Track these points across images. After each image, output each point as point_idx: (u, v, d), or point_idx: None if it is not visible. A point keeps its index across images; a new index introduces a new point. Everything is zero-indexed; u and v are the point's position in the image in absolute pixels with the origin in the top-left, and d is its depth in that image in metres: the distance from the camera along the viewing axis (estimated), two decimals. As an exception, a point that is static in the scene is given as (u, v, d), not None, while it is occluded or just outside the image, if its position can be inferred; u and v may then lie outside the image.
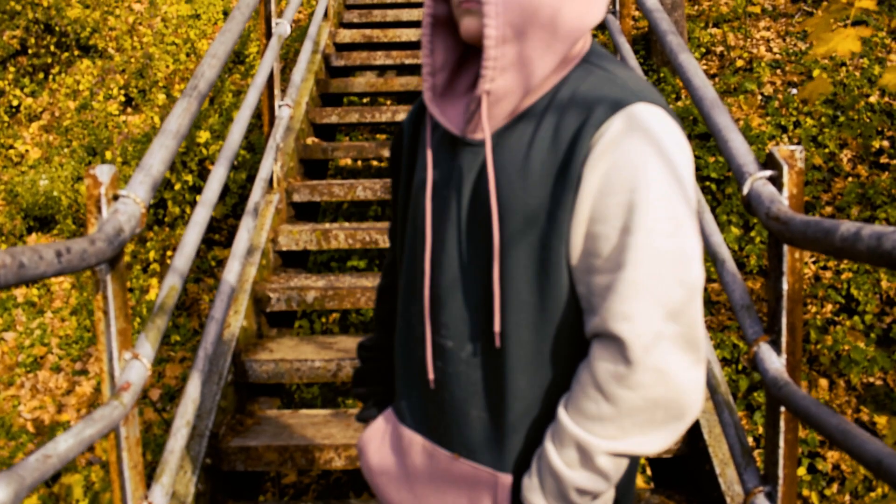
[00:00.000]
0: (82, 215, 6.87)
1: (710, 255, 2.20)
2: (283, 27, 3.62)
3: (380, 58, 4.82)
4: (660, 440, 0.99)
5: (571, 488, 0.99)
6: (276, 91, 3.68)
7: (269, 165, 3.24)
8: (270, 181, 3.56)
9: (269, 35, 3.66)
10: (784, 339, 1.83)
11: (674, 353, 0.96)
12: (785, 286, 1.82)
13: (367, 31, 5.15)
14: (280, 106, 3.61)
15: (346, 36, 5.14)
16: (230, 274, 2.63)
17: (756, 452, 4.17)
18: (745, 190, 1.88)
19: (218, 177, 2.57)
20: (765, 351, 1.84)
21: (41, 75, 8.86)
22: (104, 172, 1.87)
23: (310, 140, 4.20)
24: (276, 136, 3.43)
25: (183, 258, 2.24)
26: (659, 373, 0.95)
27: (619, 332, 0.95)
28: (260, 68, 3.31)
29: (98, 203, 1.86)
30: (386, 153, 4.04)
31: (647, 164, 0.97)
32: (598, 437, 0.98)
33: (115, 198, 1.89)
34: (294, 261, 3.67)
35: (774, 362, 1.82)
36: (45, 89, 8.87)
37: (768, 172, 1.86)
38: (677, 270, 0.96)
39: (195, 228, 2.32)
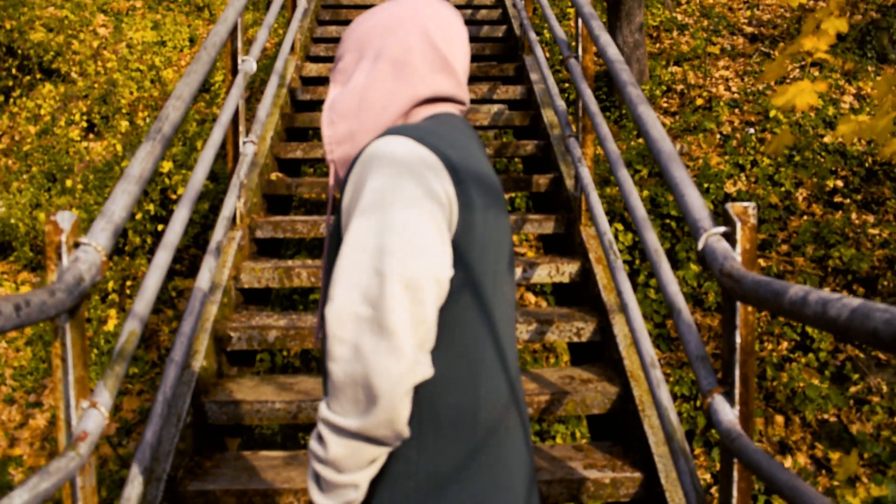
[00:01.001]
0: (40, 242, 6.76)
1: (668, 305, 2.25)
2: (249, 64, 3.63)
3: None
4: (363, 422, 1.06)
5: (311, 453, 1.12)
6: (241, 128, 3.68)
7: (233, 203, 3.24)
8: (233, 218, 3.55)
9: (234, 71, 3.66)
10: (737, 390, 1.87)
11: (366, 334, 1.03)
12: (738, 339, 1.87)
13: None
14: (245, 143, 3.61)
15: (312, 69, 5.16)
16: (190, 315, 2.61)
17: (714, 489, 4.22)
18: (700, 245, 1.93)
19: (180, 218, 2.56)
20: (719, 402, 1.88)
21: (1, 98, 8.73)
22: (65, 219, 1.86)
23: (274, 175, 4.20)
24: (240, 174, 3.43)
25: (143, 303, 2.23)
26: (351, 347, 1.03)
27: (326, 311, 1.06)
28: (225, 106, 3.32)
29: (58, 250, 1.85)
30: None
31: (363, 173, 1.12)
32: (327, 409, 1.09)
33: (76, 245, 1.88)
34: (256, 297, 3.66)
35: (728, 414, 1.86)
36: (6, 113, 8.74)
37: (722, 229, 1.92)
38: (374, 262, 1.04)
39: (156, 272, 2.31)
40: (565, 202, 3.91)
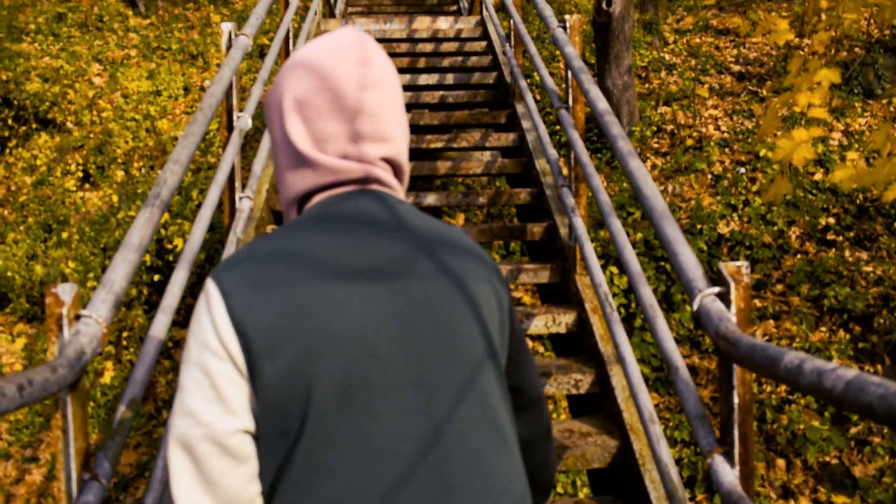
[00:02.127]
0: (37, 294, 6.75)
1: (664, 361, 2.26)
2: (244, 121, 3.67)
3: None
4: None
5: None
6: (237, 183, 3.72)
7: (230, 260, 3.25)
8: (231, 274, 3.56)
9: (230, 128, 3.71)
10: (737, 450, 1.88)
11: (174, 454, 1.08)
12: (736, 399, 1.88)
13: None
14: (241, 198, 3.64)
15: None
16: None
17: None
18: (695, 306, 1.95)
19: (179, 281, 2.57)
20: (718, 463, 1.89)
21: (-3, 149, 8.78)
22: (66, 291, 1.87)
23: (269, 228, 4.22)
24: (237, 230, 3.46)
25: (143, 369, 2.23)
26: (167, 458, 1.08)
27: None
28: (221, 164, 3.35)
29: (59, 322, 1.86)
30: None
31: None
32: None
33: (77, 317, 1.89)
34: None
35: (728, 475, 1.86)
36: (1, 163, 8.78)
37: (716, 289, 1.94)
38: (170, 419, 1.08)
39: (155, 340, 2.32)
40: (560, 251, 3.94)
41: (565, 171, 4.04)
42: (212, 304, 1.06)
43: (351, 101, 1.13)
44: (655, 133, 7.59)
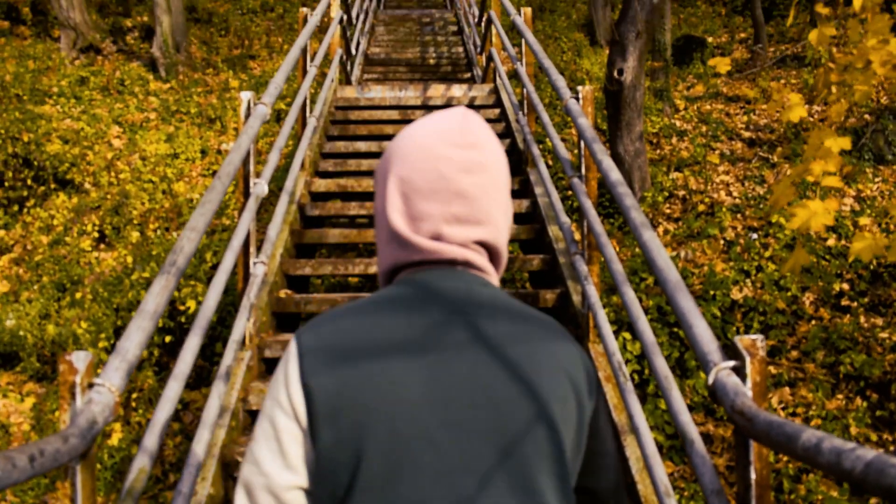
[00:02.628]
0: (48, 353, 6.77)
1: (679, 434, 2.23)
2: (261, 187, 3.73)
3: (354, 208, 4.95)
4: None
5: None
6: (252, 248, 3.75)
7: (242, 325, 3.26)
8: (242, 340, 3.56)
9: (246, 194, 3.76)
10: (755, 529, 1.84)
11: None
12: (752, 475, 1.85)
13: (342, 181, 5.31)
14: (255, 263, 3.67)
15: (321, 185, 5.29)
16: (199, 445, 2.60)
17: None
18: (711, 380, 1.93)
19: (192, 348, 2.58)
20: (737, 542, 1.85)
21: (16, 207, 8.89)
22: (80, 359, 1.88)
23: (283, 293, 4.24)
24: (251, 295, 3.47)
25: (153, 437, 2.23)
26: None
27: None
28: (237, 229, 3.39)
29: (72, 390, 1.87)
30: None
31: None
32: None
33: (90, 385, 1.90)
34: (264, 418, 3.64)
35: (747, 554, 1.82)
36: (19, 222, 8.88)
37: (731, 363, 1.92)
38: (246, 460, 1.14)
39: (167, 406, 2.31)
40: (573, 318, 3.93)
41: (578, 238, 4.05)
42: (289, 362, 1.12)
43: (450, 184, 1.14)
44: (667, 198, 7.63)
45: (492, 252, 1.21)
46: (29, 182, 9.01)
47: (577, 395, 1.15)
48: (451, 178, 1.14)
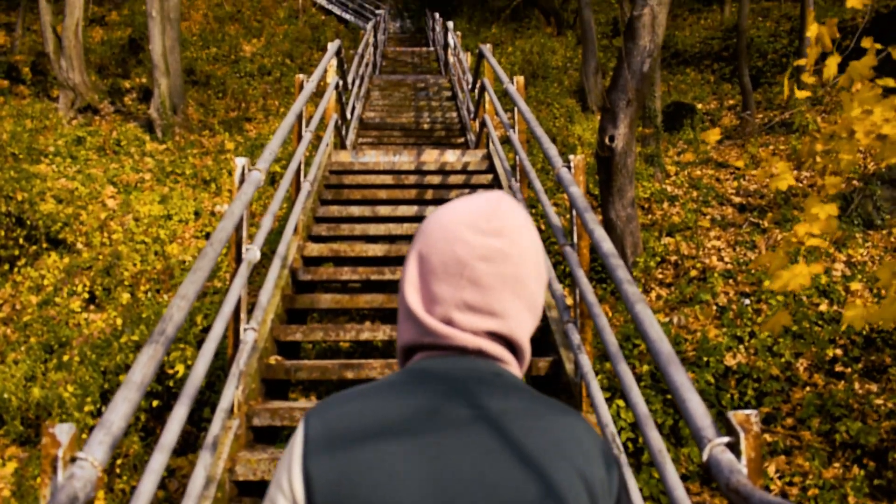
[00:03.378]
0: (32, 416, 6.65)
1: (675, 513, 2.19)
2: (252, 253, 3.72)
3: (346, 273, 4.94)
4: None
5: None
6: (243, 314, 3.72)
7: (231, 394, 3.21)
8: (231, 408, 3.51)
9: (238, 260, 3.75)
10: None
11: None
12: (751, 559, 1.80)
13: (335, 245, 5.31)
14: (245, 329, 3.64)
15: (314, 249, 5.29)
16: (183, 520, 2.53)
17: None
18: (705, 456, 1.90)
19: (178, 418, 2.53)
20: None
21: (6, 266, 8.85)
22: (63, 432, 1.84)
23: (273, 359, 4.20)
24: (240, 362, 3.43)
25: (136, 514, 2.17)
26: None
27: None
28: (228, 296, 3.36)
29: (55, 464, 1.82)
30: (349, 373, 4.05)
31: None
32: None
33: (73, 459, 1.85)
34: (251, 489, 3.56)
35: None
36: (9, 281, 8.84)
37: (726, 439, 1.89)
38: None
39: (151, 477, 2.26)
40: (565, 387, 3.89)
41: (570, 303, 4.04)
42: (294, 447, 1.10)
43: (465, 270, 1.10)
44: (659, 264, 7.65)
45: (511, 343, 1.15)
46: (21, 241, 9.00)
47: (586, 484, 1.10)
48: (466, 264, 1.10)
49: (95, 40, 17.02)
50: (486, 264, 1.10)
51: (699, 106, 13.29)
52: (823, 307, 6.90)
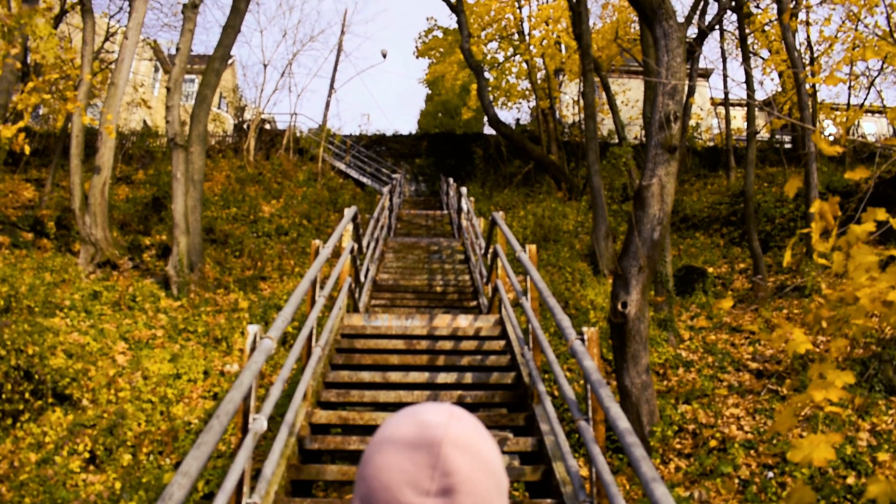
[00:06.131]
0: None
1: None
2: (260, 423, 3.63)
3: (354, 443, 4.80)
4: None
5: None
6: (246, 487, 3.58)
7: (228, 578, 3.03)
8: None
9: (245, 430, 3.65)
10: None
11: None
12: None
13: (344, 413, 5.19)
14: (248, 504, 3.49)
15: (322, 417, 5.17)
16: None
17: None
18: None
19: None
20: None
21: (9, 421, 8.67)
22: None
23: (275, 537, 4.00)
24: (240, 542, 3.26)
25: None
26: None
27: None
28: (231, 469, 3.25)
29: None
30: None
31: None
32: None
33: None
34: None
35: None
36: (10, 437, 8.64)
37: None
38: None
39: None
40: (583, 574, 3.66)
41: (587, 485, 3.88)
42: None
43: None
44: (677, 433, 7.43)
45: None
46: (27, 396, 8.87)
47: None
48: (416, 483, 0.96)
49: (121, 197, 17.61)
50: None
51: (710, 270, 13.39)
52: (851, 479, 6.60)
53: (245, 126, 24.95)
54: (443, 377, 5.73)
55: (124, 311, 11.12)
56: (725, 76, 22.16)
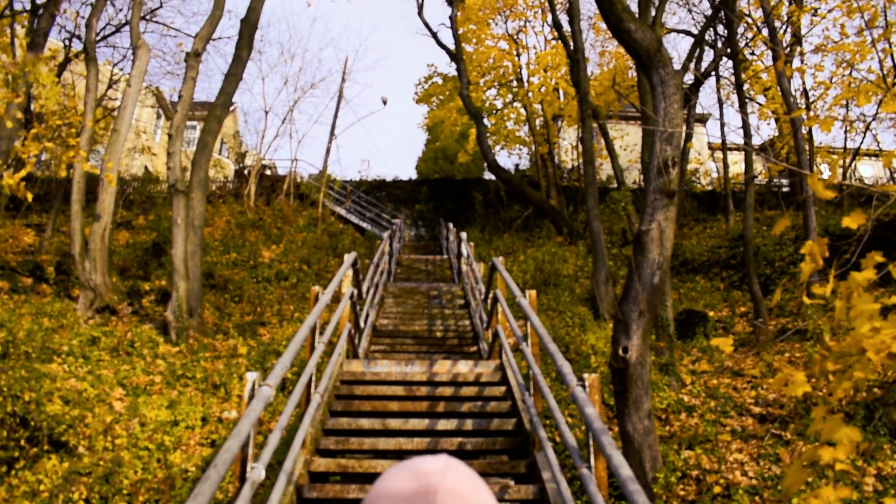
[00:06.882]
0: None
1: None
2: (257, 472, 3.58)
3: (353, 491, 4.73)
4: None
5: None
6: (243, 539, 3.52)
7: None
8: None
9: (242, 479, 3.60)
10: None
11: None
12: None
13: (343, 461, 5.13)
14: (244, 558, 3.42)
15: (321, 464, 5.11)
16: None
17: None
18: None
19: None
20: None
21: (4, 468, 8.56)
22: None
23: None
24: None
25: None
26: None
27: None
28: (228, 520, 3.20)
29: None
30: None
31: None
32: None
33: None
34: None
35: None
36: (5, 484, 8.52)
37: None
38: None
39: None
40: None
41: (589, 533, 3.81)
42: None
43: None
44: (680, 479, 7.33)
45: None
46: (22, 443, 8.77)
47: None
48: None
49: (121, 242, 17.64)
50: None
51: (711, 313, 13.36)
52: (858, 529, 6.50)
53: (246, 172, 25.12)
54: (443, 424, 5.67)
55: (122, 356, 11.06)
56: (722, 122, 22.42)
